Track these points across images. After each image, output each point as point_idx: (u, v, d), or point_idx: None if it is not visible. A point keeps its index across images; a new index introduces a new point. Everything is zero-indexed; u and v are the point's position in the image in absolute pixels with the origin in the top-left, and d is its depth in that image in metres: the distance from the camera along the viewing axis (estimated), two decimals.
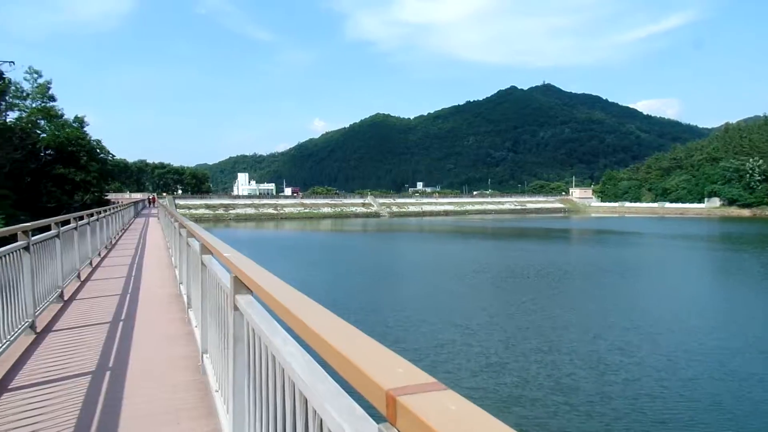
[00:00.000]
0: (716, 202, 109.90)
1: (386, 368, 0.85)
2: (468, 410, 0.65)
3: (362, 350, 0.96)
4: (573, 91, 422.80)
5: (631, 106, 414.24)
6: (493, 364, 11.86)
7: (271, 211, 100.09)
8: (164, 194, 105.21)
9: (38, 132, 43.88)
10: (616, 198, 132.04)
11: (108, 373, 4.41)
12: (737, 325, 15.87)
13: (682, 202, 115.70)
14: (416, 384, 0.77)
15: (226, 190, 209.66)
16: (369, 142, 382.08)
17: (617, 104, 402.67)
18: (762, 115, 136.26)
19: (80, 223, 9.99)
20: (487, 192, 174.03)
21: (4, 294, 4.87)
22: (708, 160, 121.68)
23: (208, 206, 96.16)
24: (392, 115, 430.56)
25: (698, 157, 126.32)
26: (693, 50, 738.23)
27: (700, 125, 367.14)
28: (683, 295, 21.06)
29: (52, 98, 50.04)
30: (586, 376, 11.13)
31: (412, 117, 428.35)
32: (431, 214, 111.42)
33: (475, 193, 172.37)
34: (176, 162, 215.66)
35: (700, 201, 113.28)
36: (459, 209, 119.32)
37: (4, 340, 4.80)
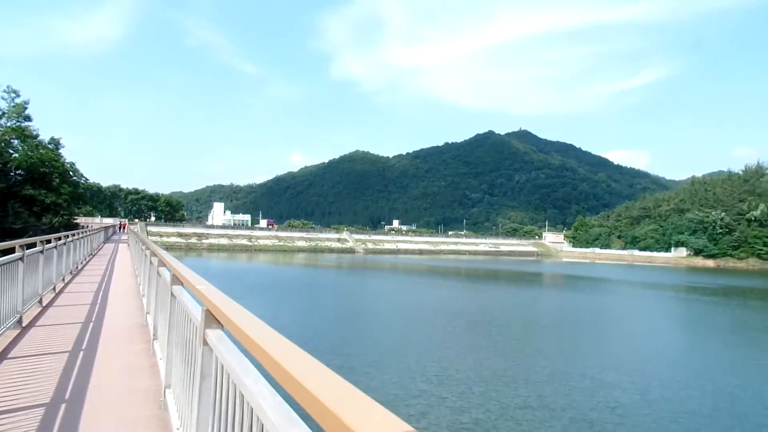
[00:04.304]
0: (683, 251, 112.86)
1: (363, 415, 0.81)
2: None
3: (338, 394, 0.92)
4: (548, 138, 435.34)
5: (602, 155, 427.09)
6: (472, 420, 11.32)
7: (244, 242, 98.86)
8: (136, 220, 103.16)
9: (10, 151, 42.98)
10: (587, 244, 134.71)
11: (63, 406, 4.20)
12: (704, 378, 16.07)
13: (651, 251, 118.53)
14: None
15: (201, 219, 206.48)
16: (347, 177, 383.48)
17: (590, 153, 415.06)
18: (726, 170, 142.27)
19: (47, 246, 9.68)
20: (462, 232, 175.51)
21: None
22: (675, 211, 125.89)
23: (180, 234, 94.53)
24: (371, 152, 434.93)
25: (666, 208, 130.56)
26: (662, 106, 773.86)
27: (668, 177, 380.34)
28: (656, 345, 21.31)
29: (28, 118, 49.31)
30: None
31: (391, 155, 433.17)
32: (406, 252, 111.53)
33: (450, 233, 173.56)
34: (151, 188, 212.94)
35: (668, 250, 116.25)
36: (434, 249, 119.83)
37: None
